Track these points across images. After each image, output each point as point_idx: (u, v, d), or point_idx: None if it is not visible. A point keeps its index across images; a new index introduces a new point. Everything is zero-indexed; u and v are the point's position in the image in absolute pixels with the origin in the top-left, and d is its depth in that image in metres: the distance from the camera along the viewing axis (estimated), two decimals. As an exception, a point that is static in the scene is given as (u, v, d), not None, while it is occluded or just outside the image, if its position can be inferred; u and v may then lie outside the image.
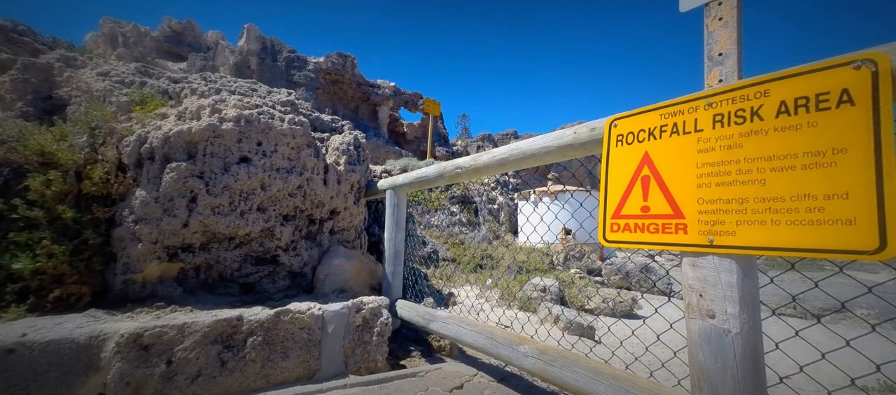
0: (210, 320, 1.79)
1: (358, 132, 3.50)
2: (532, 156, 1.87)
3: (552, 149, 1.76)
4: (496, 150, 2.14)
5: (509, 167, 2.08)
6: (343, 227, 3.19)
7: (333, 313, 2.17)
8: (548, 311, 4.32)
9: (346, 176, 3.12)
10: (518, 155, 1.95)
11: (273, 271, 2.66)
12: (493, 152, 2.14)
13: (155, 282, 2.20)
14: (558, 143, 1.72)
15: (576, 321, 3.89)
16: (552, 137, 1.76)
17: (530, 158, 1.89)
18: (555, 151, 1.75)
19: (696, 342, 1.08)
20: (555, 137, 1.75)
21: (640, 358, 1.68)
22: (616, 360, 1.98)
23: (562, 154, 1.74)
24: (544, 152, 1.80)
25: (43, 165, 1.94)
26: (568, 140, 1.66)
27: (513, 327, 3.00)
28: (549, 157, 1.81)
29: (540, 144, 1.82)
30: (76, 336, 1.53)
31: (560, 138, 1.70)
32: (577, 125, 1.66)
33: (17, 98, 2.32)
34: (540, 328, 3.19)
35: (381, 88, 19.95)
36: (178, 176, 2.17)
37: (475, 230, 11.06)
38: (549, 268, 8.28)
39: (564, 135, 1.69)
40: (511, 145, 2.02)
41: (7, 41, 2.59)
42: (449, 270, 7.45)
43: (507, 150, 2.03)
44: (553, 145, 1.75)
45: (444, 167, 2.54)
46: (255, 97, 2.71)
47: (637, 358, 1.64)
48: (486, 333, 2.00)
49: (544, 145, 1.79)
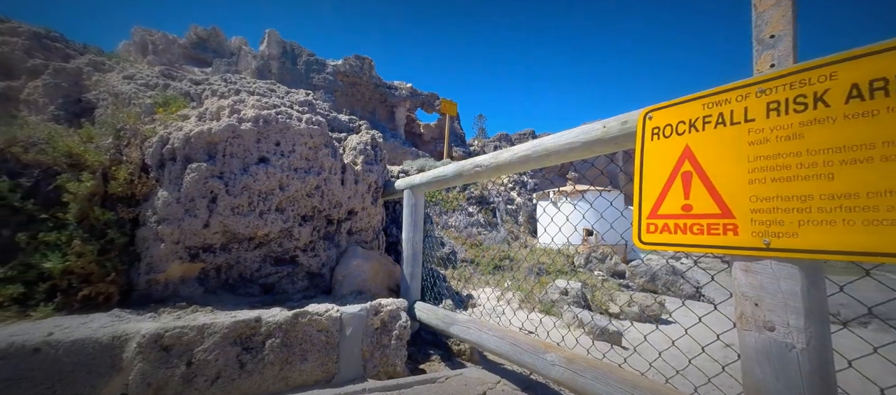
0: (229, 321, 1.78)
1: (375, 132, 3.47)
2: (556, 152, 1.77)
3: (578, 145, 1.66)
4: (517, 147, 2.05)
5: (531, 165, 1.98)
6: (361, 227, 3.16)
7: (351, 315, 2.13)
8: (572, 315, 4.17)
9: (363, 176, 3.09)
10: (541, 152, 1.86)
11: (292, 272, 2.65)
12: (514, 150, 2.05)
13: (177, 282, 2.22)
14: (585, 138, 1.61)
15: (602, 326, 3.73)
16: (578, 132, 1.66)
17: (554, 155, 1.79)
18: (581, 147, 1.65)
19: (751, 358, 0.96)
20: (581, 132, 1.64)
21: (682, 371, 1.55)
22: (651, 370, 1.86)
23: (589, 150, 1.64)
24: (569, 149, 1.70)
25: (71, 166, 1.98)
26: (596, 135, 1.56)
27: (536, 332, 2.88)
28: (574, 153, 1.71)
29: (565, 139, 1.72)
30: (100, 336, 1.54)
31: (587, 133, 1.60)
32: (605, 120, 1.56)
33: (49, 102, 2.41)
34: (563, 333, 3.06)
35: (397, 89, 20.06)
36: (198, 177, 2.18)
37: (493, 231, 10.92)
38: (570, 270, 8.07)
39: (592, 129, 1.58)
40: (534, 142, 1.93)
41: (40, 48, 2.70)
42: (467, 271, 7.37)
43: (530, 146, 1.93)
44: (579, 141, 1.64)
45: (462, 166, 2.46)
46: (274, 98, 2.72)
47: (679, 371, 1.51)
48: (509, 339, 1.91)
49: (570, 141, 1.69)
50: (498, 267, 8.34)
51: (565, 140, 1.71)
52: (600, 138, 1.54)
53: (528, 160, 1.96)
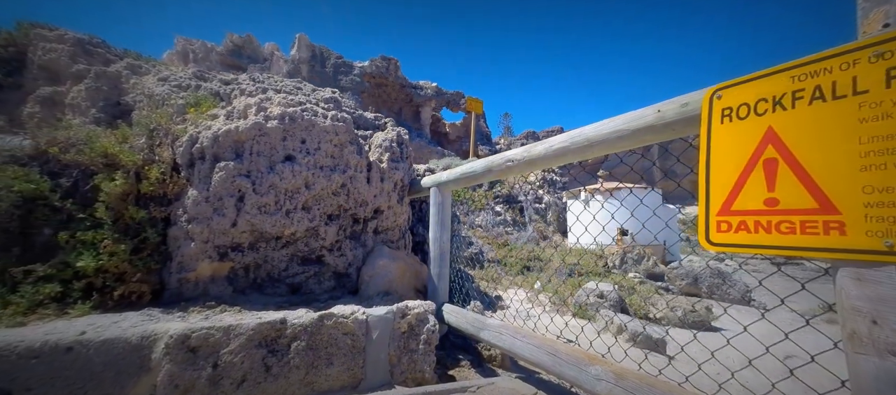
0: (254, 322, 1.74)
1: (401, 129, 3.39)
2: (600, 143, 1.59)
3: (626, 133, 1.47)
4: (553, 139, 1.88)
5: (570, 158, 1.81)
6: (387, 226, 3.08)
7: (378, 318, 2.04)
8: (608, 320, 3.92)
9: (389, 174, 3.02)
10: (581, 143, 1.68)
11: (318, 272, 2.61)
12: (549, 142, 1.88)
13: (207, 281, 2.23)
14: (635, 125, 1.43)
15: (642, 333, 3.47)
16: (626, 118, 1.47)
17: (597, 146, 1.61)
18: (629, 135, 1.46)
19: (870, 388, 0.76)
20: (629, 118, 1.46)
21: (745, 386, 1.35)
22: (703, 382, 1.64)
23: (638, 139, 1.45)
24: (616, 138, 1.52)
25: (106, 166, 2.02)
26: (648, 120, 1.37)
27: (577, 341, 2.67)
28: (620, 143, 1.52)
29: (610, 128, 1.54)
30: (129, 336, 1.53)
31: (637, 120, 1.41)
32: (658, 103, 1.37)
33: (91, 105, 2.51)
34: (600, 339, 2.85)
35: (423, 88, 20.10)
36: (226, 175, 2.18)
37: (521, 231, 10.65)
38: (603, 271, 7.70)
39: (643, 115, 1.40)
40: (572, 132, 1.75)
41: (84, 53, 2.83)
42: (495, 272, 7.19)
43: (568, 137, 1.76)
44: (628, 129, 1.46)
45: (492, 161, 2.32)
46: (300, 95, 2.69)
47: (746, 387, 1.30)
48: (546, 347, 1.75)
49: (616, 130, 1.51)
50: (527, 268, 8.09)
51: (610, 129, 1.53)
52: (653, 125, 1.35)
53: (566, 153, 1.78)
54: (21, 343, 1.38)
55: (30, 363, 1.37)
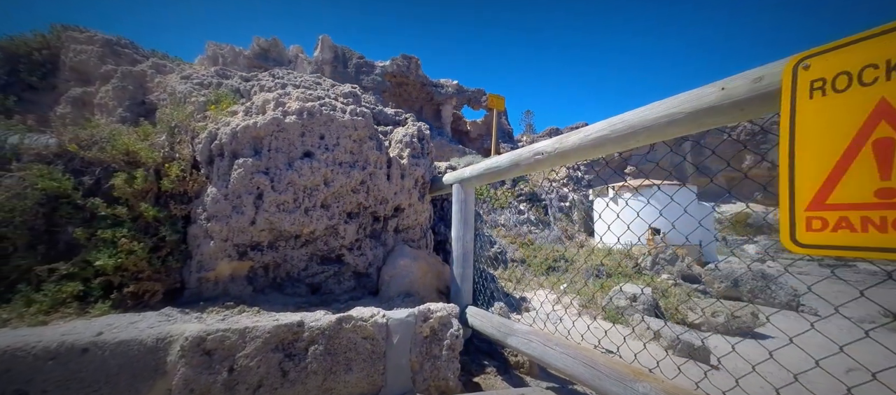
0: (271, 325, 1.66)
1: (421, 123, 3.27)
2: (646, 129, 1.40)
3: (679, 117, 1.28)
4: (589, 127, 1.70)
5: (609, 148, 1.62)
6: (408, 225, 2.98)
7: (398, 321, 1.93)
8: (644, 324, 3.66)
9: (409, 170, 2.90)
10: (624, 130, 1.49)
11: (338, 272, 2.53)
12: (585, 131, 1.70)
13: (227, 280, 2.19)
14: (691, 106, 1.23)
15: (683, 339, 3.20)
16: (680, 100, 1.28)
17: (643, 133, 1.43)
18: (683, 119, 1.27)
19: None
20: (684, 99, 1.26)
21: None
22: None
23: (695, 123, 1.25)
24: (665, 123, 1.33)
25: (128, 163, 2.01)
26: (709, 101, 1.17)
27: (618, 352, 2.47)
28: (672, 129, 1.33)
29: (658, 112, 1.35)
30: (144, 338, 1.48)
31: (695, 100, 1.22)
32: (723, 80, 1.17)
33: (118, 105, 2.54)
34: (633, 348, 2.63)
35: (444, 87, 19.98)
36: (245, 172, 2.13)
37: (545, 230, 10.35)
38: (634, 273, 7.33)
39: (703, 95, 1.20)
40: (611, 119, 1.57)
41: (112, 54, 2.89)
42: (519, 272, 6.98)
43: (606, 125, 1.58)
44: (681, 112, 1.27)
45: (519, 155, 2.16)
46: (319, 90, 2.62)
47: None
48: (583, 358, 1.58)
49: (666, 113, 1.32)
50: (552, 268, 7.82)
51: (659, 113, 1.34)
52: (714, 106, 1.16)
53: (604, 143, 1.60)
54: (39, 344, 1.35)
55: (47, 364, 1.34)
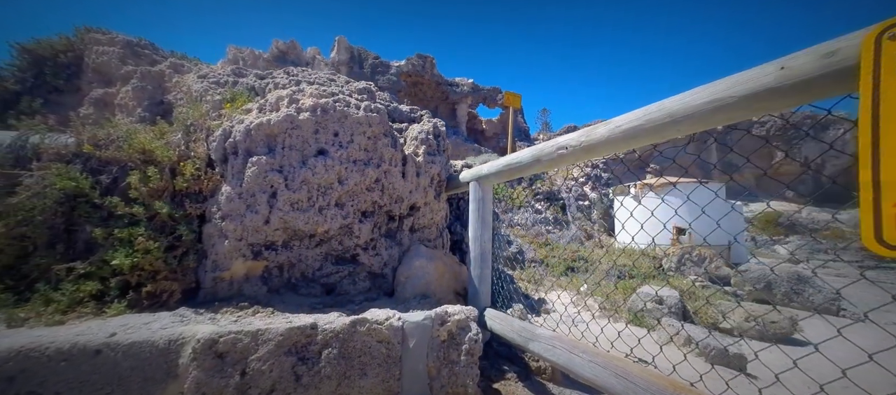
0: (284, 327, 1.61)
1: (437, 120, 3.18)
2: (687, 118, 1.27)
3: (730, 101, 1.13)
4: (620, 118, 1.57)
5: (643, 140, 1.49)
6: (424, 224, 2.89)
7: (414, 325, 1.84)
8: (673, 329, 3.46)
9: (425, 168, 2.82)
10: (660, 119, 1.36)
11: (353, 272, 2.47)
12: (616, 122, 1.57)
13: (241, 280, 2.16)
14: (744, 89, 1.09)
15: (716, 345, 3.00)
16: (731, 82, 1.14)
17: (684, 122, 1.29)
18: (736, 103, 1.12)
19: None
20: (736, 82, 1.12)
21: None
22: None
23: (750, 108, 1.11)
24: (712, 109, 1.18)
25: (144, 162, 2.00)
26: (767, 81, 1.03)
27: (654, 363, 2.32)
28: (720, 115, 1.18)
29: (704, 97, 1.20)
30: (156, 339, 1.45)
31: (750, 82, 1.08)
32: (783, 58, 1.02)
33: (137, 105, 2.56)
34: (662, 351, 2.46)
35: (459, 85, 19.86)
36: (258, 170, 2.09)
37: (564, 229, 10.11)
38: (657, 274, 7.05)
39: (759, 76, 1.06)
40: (648, 107, 1.43)
41: (132, 55, 2.94)
42: (537, 272, 6.81)
43: (642, 114, 1.44)
44: (732, 96, 1.12)
45: (541, 150, 2.03)
46: (333, 86, 2.57)
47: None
48: (614, 368, 1.46)
49: (713, 98, 1.18)
50: (571, 269, 7.61)
51: (704, 98, 1.20)
52: (774, 87, 1.02)
53: (638, 134, 1.47)
54: (52, 345, 1.33)
55: (59, 365, 1.32)
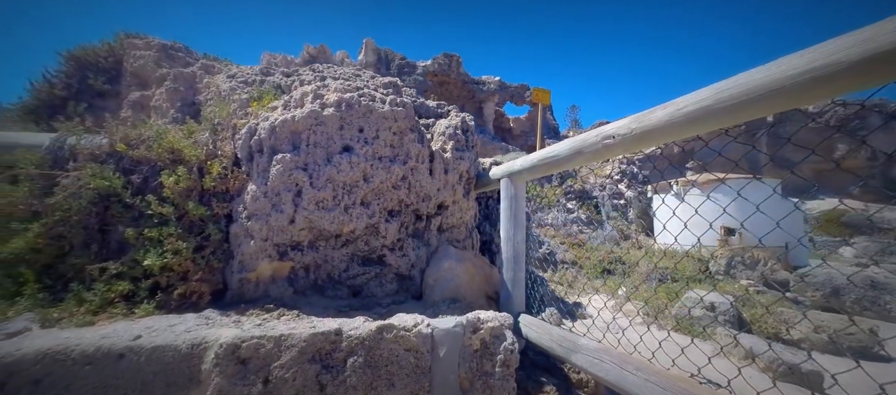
0: (307, 333, 1.52)
1: (465, 114, 3.04)
2: (773, 93, 1.04)
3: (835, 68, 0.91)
4: (681, 99, 1.35)
5: (712, 123, 1.27)
6: (452, 223, 2.76)
7: (444, 332, 1.71)
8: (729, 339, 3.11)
9: (453, 164, 2.68)
10: (737, 96, 1.13)
11: (380, 273, 2.37)
12: (677, 104, 1.35)
13: (268, 282, 2.11)
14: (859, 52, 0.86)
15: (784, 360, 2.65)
16: (835, 46, 0.91)
17: (767, 99, 1.06)
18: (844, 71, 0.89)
19: None
20: (846, 43, 0.89)
21: None
22: None
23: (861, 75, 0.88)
24: (806, 80, 0.96)
25: (173, 161, 2.00)
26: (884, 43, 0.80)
27: (730, 387, 2.07)
28: (821, 88, 0.95)
29: (799, 65, 0.98)
30: (179, 344, 1.40)
31: (867, 41, 0.85)
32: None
33: (170, 106, 2.61)
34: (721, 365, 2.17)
35: (485, 83, 19.61)
36: (283, 168, 2.03)
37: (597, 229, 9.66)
38: (704, 277, 6.53)
39: (877, 34, 0.83)
40: (718, 84, 1.21)
41: (167, 58, 3.02)
42: (570, 274, 6.50)
43: (712, 92, 1.22)
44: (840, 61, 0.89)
45: (583, 141, 1.84)
46: (358, 81, 2.49)
47: None
48: (679, 390, 1.25)
49: (811, 66, 0.95)
50: (606, 271, 7.22)
51: (800, 66, 0.97)
52: None
53: (706, 116, 1.25)
54: (77, 347, 1.31)
55: (84, 369, 1.29)
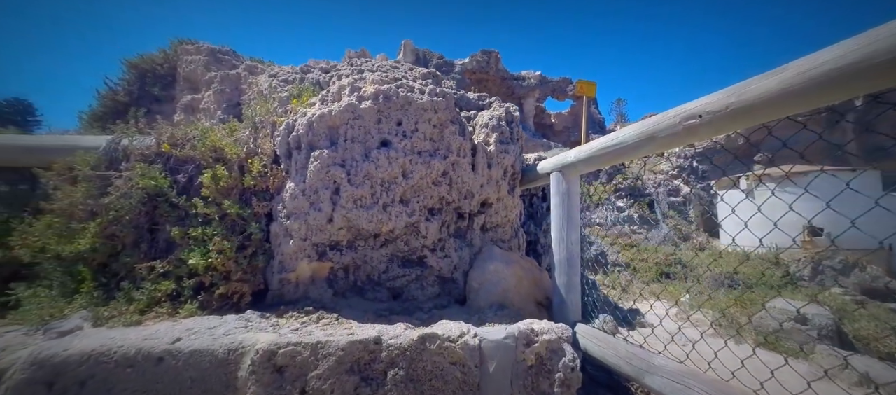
0: (344, 341, 1.40)
1: (509, 104, 2.81)
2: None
3: None
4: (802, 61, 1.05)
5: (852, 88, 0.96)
6: (496, 222, 2.55)
7: (494, 344, 1.51)
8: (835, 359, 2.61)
9: (497, 158, 2.47)
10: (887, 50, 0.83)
11: (420, 275, 2.23)
12: (798, 66, 1.05)
13: (307, 283, 2.04)
14: None
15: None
16: None
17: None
18: None
19: None
20: None
21: None
22: None
23: None
24: None
25: (215, 160, 2.00)
26: None
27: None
28: None
29: None
30: (216, 348, 1.34)
31: None
32: None
33: (217, 108, 2.68)
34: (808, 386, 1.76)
35: (525, 79, 19.04)
36: (321, 165, 1.95)
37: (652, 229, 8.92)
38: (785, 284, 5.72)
39: None
40: (863, 36, 0.91)
41: (215, 61, 3.13)
42: (623, 277, 6.00)
43: (852, 45, 0.92)
44: None
45: (656, 124, 1.56)
46: (396, 73, 2.37)
47: None
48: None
49: None
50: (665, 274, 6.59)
51: None
52: None
53: (844, 80, 0.95)
54: (120, 349, 1.29)
55: (125, 372, 1.26)
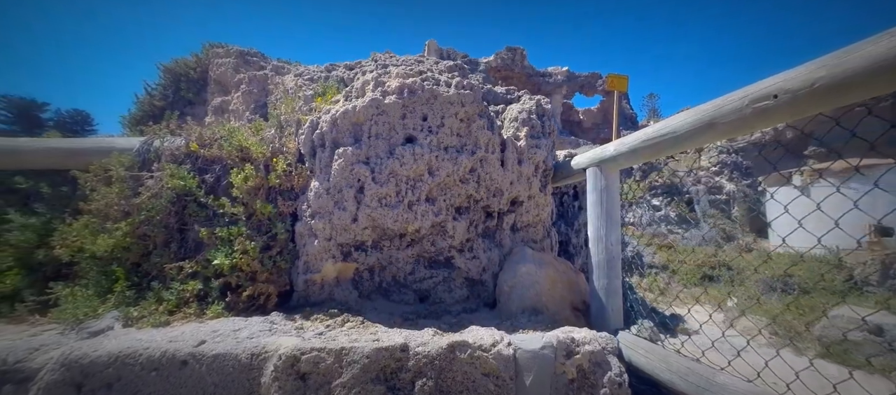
0: (370, 348, 1.32)
1: (540, 97, 2.66)
2: None
3: None
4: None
5: None
6: (527, 222, 2.40)
7: (531, 355, 1.38)
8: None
9: (528, 154, 2.33)
10: None
11: (448, 277, 2.13)
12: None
13: (332, 284, 1.99)
14: None
15: None
16: None
17: None
18: None
19: None
20: None
21: None
22: None
23: None
24: None
25: (242, 160, 1.99)
26: None
27: None
28: None
29: None
30: (239, 353, 1.30)
31: None
32: None
33: (245, 108, 2.71)
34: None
35: (552, 75, 18.54)
36: (345, 163, 1.89)
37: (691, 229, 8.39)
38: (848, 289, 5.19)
39: None
40: None
41: (244, 63, 3.18)
42: (661, 280, 5.65)
43: None
44: None
45: (718, 108, 1.37)
46: (420, 66, 2.29)
47: None
48: None
49: None
50: (708, 277, 6.15)
51: None
52: None
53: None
54: (145, 352, 1.27)
55: (150, 375, 1.24)
